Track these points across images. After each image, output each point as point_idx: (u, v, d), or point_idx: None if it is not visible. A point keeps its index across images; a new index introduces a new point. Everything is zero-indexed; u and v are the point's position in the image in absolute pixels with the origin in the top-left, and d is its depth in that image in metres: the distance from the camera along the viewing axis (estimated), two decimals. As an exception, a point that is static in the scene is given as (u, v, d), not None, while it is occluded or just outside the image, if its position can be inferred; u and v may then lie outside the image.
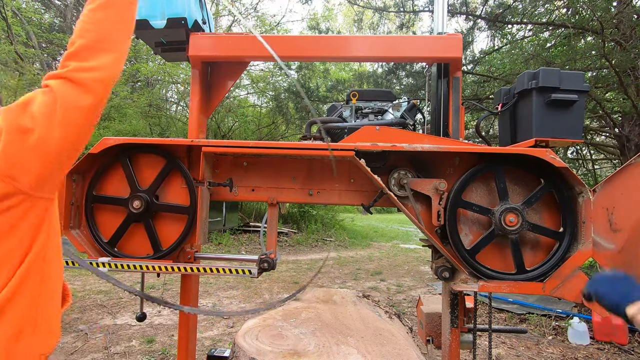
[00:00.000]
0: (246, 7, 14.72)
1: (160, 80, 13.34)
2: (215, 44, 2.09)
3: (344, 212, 17.40)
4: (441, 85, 2.18)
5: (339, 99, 9.93)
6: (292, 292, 1.66)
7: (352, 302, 2.14)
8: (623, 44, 5.01)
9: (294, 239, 11.82)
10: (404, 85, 8.67)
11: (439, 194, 1.83)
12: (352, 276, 7.89)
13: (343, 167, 2.06)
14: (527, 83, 1.87)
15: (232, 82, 2.33)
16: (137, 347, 4.05)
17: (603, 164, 10.81)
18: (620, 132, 6.54)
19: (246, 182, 2.09)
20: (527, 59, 6.05)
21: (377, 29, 10.62)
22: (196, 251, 2.03)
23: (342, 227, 14.73)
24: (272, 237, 2.07)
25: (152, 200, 1.97)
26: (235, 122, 14.00)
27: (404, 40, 2.14)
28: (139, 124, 11.73)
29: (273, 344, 1.49)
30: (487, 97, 7.27)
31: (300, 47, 2.12)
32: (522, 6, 6.58)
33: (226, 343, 4.24)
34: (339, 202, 2.08)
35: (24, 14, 11.06)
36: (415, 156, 1.98)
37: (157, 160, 2.02)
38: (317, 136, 2.22)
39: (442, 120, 2.16)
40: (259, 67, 14.52)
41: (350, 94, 2.25)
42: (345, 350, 1.45)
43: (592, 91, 5.86)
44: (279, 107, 11.65)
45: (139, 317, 2.15)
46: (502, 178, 1.84)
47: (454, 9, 7.07)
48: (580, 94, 1.84)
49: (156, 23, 2.01)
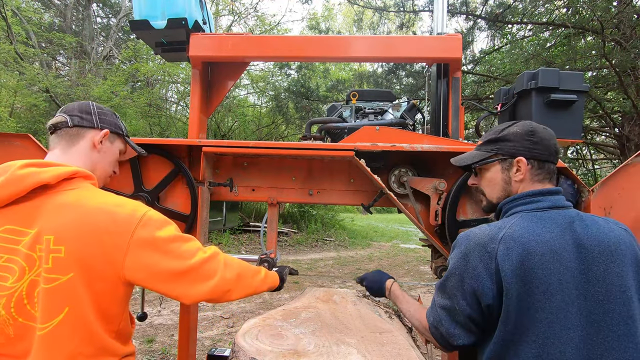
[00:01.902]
0: (246, 7, 14.73)
1: (160, 80, 13.33)
2: (216, 44, 2.10)
3: (344, 212, 17.41)
4: (441, 86, 2.18)
5: (339, 99, 9.94)
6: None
7: (352, 302, 2.14)
8: (623, 44, 5.01)
9: (294, 239, 11.82)
10: (404, 85, 8.68)
11: (438, 194, 1.84)
12: (352, 276, 7.89)
13: (343, 167, 2.06)
14: (526, 83, 1.87)
15: (232, 82, 2.34)
16: (137, 347, 4.05)
17: (603, 164, 10.82)
18: (620, 132, 6.55)
19: (246, 182, 2.09)
20: (527, 59, 6.05)
21: (377, 28, 10.63)
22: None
23: (342, 227, 14.73)
24: (272, 237, 2.07)
25: (153, 202, 1.97)
26: (235, 122, 14.00)
27: (404, 41, 2.14)
28: (139, 124, 11.73)
29: (273, 343, 1.49)
30: (487, 97, 7.27)
31: (300, 47, 2.12)
32: (522, 6, 6.59)
33: (226, 343, 4.24)
34: (339, 202, 2.08)
35: (23, 13, 11.05)
36: (415, 156, 1.98)
37: (163, 163, 2.02)
38: (317, 136, 2.22)
39: (441, 120, 2.16)
40: (259, 67, 14.52)
41: (350, 94, 2.25)
42: (345, 350, 1.45)
43: (592, 91, 5.86)
44: (278, 107, 11.65)
45: (139, 317, 2.15)
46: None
47: (454, 9, 7.07)
48: (580, 94, 1.85)
49: (156, 23, 2.02)
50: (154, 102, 12.21)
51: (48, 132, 1.22)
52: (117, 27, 14.14)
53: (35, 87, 10.21)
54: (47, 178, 1.04)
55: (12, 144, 1.84)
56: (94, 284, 1.02)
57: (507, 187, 1.24)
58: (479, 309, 1.10)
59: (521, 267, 1.02)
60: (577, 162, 9.72)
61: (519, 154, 1.20)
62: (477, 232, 1.13)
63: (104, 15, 17.14)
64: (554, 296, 1.01)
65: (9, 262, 1.00)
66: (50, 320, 0.97)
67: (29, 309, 0.98)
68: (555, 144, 1.21)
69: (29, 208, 1.04)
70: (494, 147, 1.26)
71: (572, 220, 1.10)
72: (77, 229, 1.01)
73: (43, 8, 13.71)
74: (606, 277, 1.03)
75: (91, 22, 14.76)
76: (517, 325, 1.03)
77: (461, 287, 1.11)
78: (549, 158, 1.20)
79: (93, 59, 13.01)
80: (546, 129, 1.22)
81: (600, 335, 1.00)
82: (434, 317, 1.20)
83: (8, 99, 9.76)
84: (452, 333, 1.14)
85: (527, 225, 1.08)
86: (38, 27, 11.97)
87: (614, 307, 1.01)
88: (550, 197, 1.16)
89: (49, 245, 0.99)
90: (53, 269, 0.98)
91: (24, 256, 0.99)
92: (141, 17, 2.02)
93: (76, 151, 1.20)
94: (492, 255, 1.06)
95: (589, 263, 1.04)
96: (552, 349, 1.00)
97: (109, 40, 14.23)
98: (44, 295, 0.97)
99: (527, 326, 1.02)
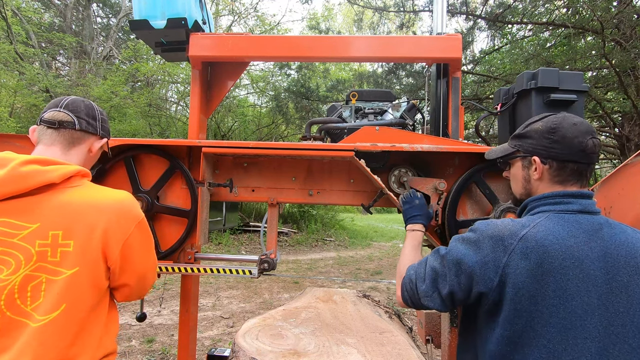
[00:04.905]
0: (246, 7, 14.73)
1: (160, 80, 13.34)
2: (216, 44, 2.09)
3: (344, 212, 17.41)
4: (441, 86, 2.18)
5: (339, 99, 9.93)
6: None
7: (352, 302, 2.14)
8: (623, 44, 5.01)
9: (294, 239, 11.82)
10: (403, 85, 8.67)
11: (438, 194, 1.84)
12: (352, 276, 7.89)
13: (343, 167, 2.06)
14: (526, 83, 1.87)
15: (232, 82, 2.33)
16: (137, 347, 4.05)
17: (603, 164, 10.81)
18: (620, 132, 6.54)
19: (246, 183, 2.09)
20: (527, 59, 6.05)
21: (377, 28, 10.63)
22: (196, 251, 2.03)
23: (342, 227, 14.73)
24: (272, 237, 2.07)
25: (153, 201, 1.97)
26: (235, 122, 14.00)
27: (404, 41, 2.14)
28: (139, 124, 11.73)
29: (273, 343, 1.49)
30: (487, 97, 7.27)
31: (300, 47, 2.12)
32: (522, 6, 6.58)
33: (226, 343, 4.24)
34: (339, 202, 2.08)
35: (23, 13, 11.06)
36: (415, 156, 1.98)
37: (159, 162, 2.02)
38: (317, 136, 2.22)
39: (441, 120, 2.16)
40: (259, 67, 14.52)
41: (350, 94, 2.25)
42: (345, 350, 1.45)
43: (592, 91, 5.86)
44: (278, 107, 11.65)
45: (139, 317, 2.16)
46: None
47: (454, 9, 7.07)
48: (580, 94, 1.85)
49: (156, 23, 2.02)
50: (154, 102, 12.22)
51: (43, 123, 1.19)
52: (117, 27, 14.15)
53: (35, 87, 10.22)
54: (53, 178, 1.06)
55: (12, 145, 1.84)
56: (97, 277, 1.07)
57: (527, 185, 1.21)
58: (467, 290, 1.09)
59: (539, 268, 1.00)
60: (577, 162, 9.70)
61: (536, 153, 1.16)
62: (499, 224, 1.10)
63: (104, 15, 17.15)
64: (569, 302, 0.98)
65: (5, 254, 1.00)
66: (48, 313, 0.99)
67: (19, 304, 0.99)
68: (582, 142, 1.10)
69: (30, 203, 1.05)
70: (517, 142, 1.23)
71: (601, 227, 1.06)
72: (85, 225, 1.05)
73: (43, 8, 13.71)
74: (629, 287, 1.00)
75: (91, 22, 14.76)
76: (526, 327, 1.01)
77: (460, 267, 1.10)
78: (573, 158, 1.11)
79: (93, 59, 13.01)
80: (576, 125, 1.11)
81: (616, 348, 0.97)
82: (417, 273, 1.21)
83: (8, 99, 9.77)
84: (428, 294, 1.16)
85: (552, 227, 1.05)
86: (38, 27, 11.98)
87: (632, 320, 0.99)
88: (581, 200, 1.11)
89: (57, 240, 1.02)
90: (60, 262, 1.02)
91: (21, 250, 1.00)
92: (141, 17, 2.02)
93: (75, 152, 1.23)
94: (508, 250, 1.04)
95: (614, 273, 1.00)
96: (563, 355, 0.97)
97: (109, 40, 14.24)
98: (47, 288, 1.00)
99: (537, 330, 1.00)
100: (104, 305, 1.13)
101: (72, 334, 1.01)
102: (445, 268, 1.14)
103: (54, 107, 1.21)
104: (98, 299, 1.09)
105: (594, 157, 1.13)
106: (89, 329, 1.06)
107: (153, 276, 1.31)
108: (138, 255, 1.18)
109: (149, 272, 1.27)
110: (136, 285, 1.23)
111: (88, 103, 1.28)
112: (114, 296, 1.23)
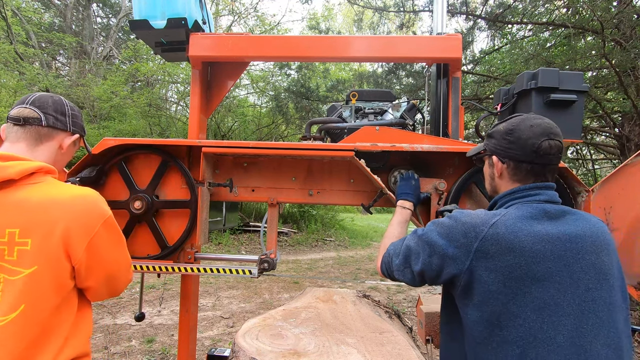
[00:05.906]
0: (246, 7, 14.73)
1: (160, 80, 13.33)
2: (216, 44, 2.09)
3: (344, 212, 17.41)
4: (441, 86, 2.18)
5: (339, 99, 9.93)
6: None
7: (352, 302, 2.14)
8: (623, 44, 5.01)
9: (294, 239, 11.82)
10: (403, 85, 8.67)
11: (438, 194, 1.83)
12: (352, 276, 7.89)
13: (343, 167, 2.06)
14: (526, 83, 1.87)
15: (232, 82, 2.34)
16: (137, 347, 4.05)
17: (603, 164, 10.81)
18: (620, 132, 6.54)
19: (246, 183, 2.09)
20: (527, 59, 6.04)
21: (377, 28, 10.62)
22: (196, 251, 2.03)
23: (342, 227, 14.72)
24: (272, 237, 2.07)
25: (152, 199, 1.97)
26: (235, 122, 14.00)
27: (404, 41, 2.14)
28: (139, 124, 11.73)
29: (273, 343, 1.49)
30: (487, 97, 7.26)
31: (300, 47, 2.12)
32: (522, 6, 6.58)
33: (226, 343, 4.24)
34: (339, 202, 2.08)
35: (23, 13, 11.06)
36: (415, 156, 1.98)
37: (153, 160, 2.02)
38: (317, 136, 2.22)
39: (441, 120, 2.16)
40: (259, 67, 14.52)
41: (350, 94, 2.25)
42: (345, 350, 1.45)
43: (592, 91, 5.86)
44: (278, 107, 11.64)
45: (137, 317, 2.16)
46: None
47: (454, 9, 7.07)
48: (580, 94, 1.85)
49: (156, 23, 2.02)
50: (154, 102, 12.21)
51: (10, 120, 1.16)
52: (117, 27, 14.15)
53: (35, 87, 10.22)
54: (11, 174, 1.03)
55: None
56: (59, 277, 1.03)
57: (492, 182, 1.30)
58: (438, 270, 1.16)
59: (510, 252, 1.06)
60: (577, 162, 9.71)
61: (495, 153, 1.24)
62: (472, 213, 1.18)
63: (104, 15, 17.15)
64: (541, 283, 1.04)
65: None
66: (6, 314, 0.96)
67: None
68: (535, 143, 1.14)
69: None
70: (485, 142, 1.32)
71: (565, 213, 1.14)
72: (44, 223, 1.01)
73: (43, 8, 13.72)
74: (596, 265, 1.07)
75: (91, 22, 14.77)
76: (503, 309, 1.06)
77: (434, 248, 1.17)
78: (527, 158, 1.17)
79: (93, 59, 13.02)
80: (533, 127, 1.16)
81: (589, 322, 1.03)
82: (395, 248, 1.33)
83: (8, 99, 9.76)
84: (400, 268, 1.28)
85: (521, 214, 1.12)
86: (38, 27, 11.99)
87: (601, 294, 1.06)
88: (547, 191, 1.18)
89: (13, 238, 0.99)
90: (17, 261, 0.98)
91: None
92: (141, 17, 2.02)
93: (42, 149, 1.18)
94: (479, 236, 1.10)
95: (583, 252, 1.07)
96: (540, 333, 1.02)
97: (109, 40, 14.25)
98: (5, 288, 0.97)
99: (513, 310, 1.05)
100: (71, 305, 1.08)
101: (31, 336, 0.97)
102: (419, 248, 1.22)
103: (21, 104, 1.18)
104: (62, 298, 1.04)
105: (551, 157, 1.18)
106: (53, 330, 1.02)
107: (126, 275, 1.26)
108: (106, 254, 1.14)
109: (119, 272, 1.21)
110: (106, 285, 1.18)
111: (57, 99, 1.24)
112: (84, 296, 1.18)
